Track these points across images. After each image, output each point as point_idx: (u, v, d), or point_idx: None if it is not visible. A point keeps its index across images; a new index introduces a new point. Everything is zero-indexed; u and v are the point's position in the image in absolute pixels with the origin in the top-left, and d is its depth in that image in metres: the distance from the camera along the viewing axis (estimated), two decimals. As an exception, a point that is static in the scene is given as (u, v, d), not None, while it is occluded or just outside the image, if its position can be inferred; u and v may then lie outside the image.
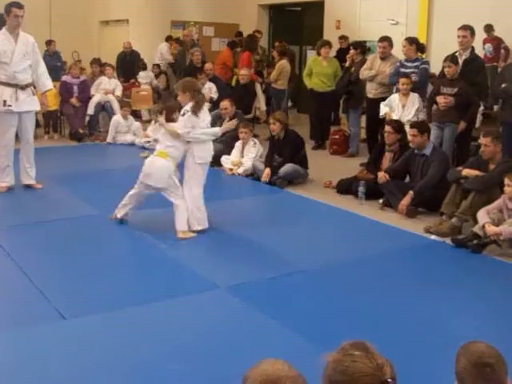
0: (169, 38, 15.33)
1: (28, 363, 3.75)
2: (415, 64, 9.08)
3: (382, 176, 7.41)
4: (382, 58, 9.70)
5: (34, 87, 7.88)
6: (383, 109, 8.98)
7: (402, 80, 8.85)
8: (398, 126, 7.89)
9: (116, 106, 12.14)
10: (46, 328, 4.23)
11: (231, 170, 9.05)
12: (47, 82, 7.92)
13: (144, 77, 14.70)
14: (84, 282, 5.04)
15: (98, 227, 6.46)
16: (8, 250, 5.67)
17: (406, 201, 7.11)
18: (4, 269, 5.34)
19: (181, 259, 5.57)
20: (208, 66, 12.37)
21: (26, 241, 6.06)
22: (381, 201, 7.48)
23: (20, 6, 7.40)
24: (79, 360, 3.78)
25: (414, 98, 8.81)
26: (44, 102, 8.09)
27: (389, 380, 1.95)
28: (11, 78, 7.49)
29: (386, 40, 9.70)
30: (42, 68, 7.84)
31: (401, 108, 8.82)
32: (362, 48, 10.86)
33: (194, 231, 6.22)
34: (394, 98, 8.99)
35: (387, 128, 7.86)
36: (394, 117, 8.57)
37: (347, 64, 10.64)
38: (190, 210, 6.23)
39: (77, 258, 5.62)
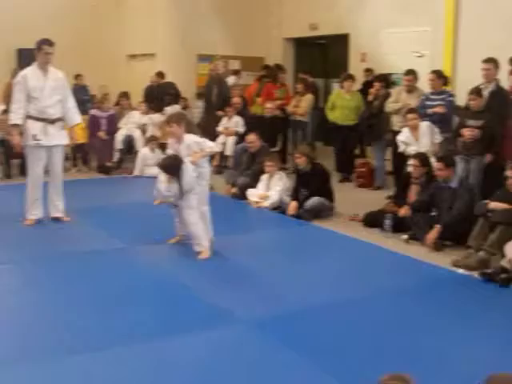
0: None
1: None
2: (441, 97, 9.09)
3: (404, 210, 7.38)
4: (408, 91, 9.73)
5: (64, 121, 7.99)
6: (401, 146, 9.03)
7: (410, 116, 8.96)
8: (424, 159, 7.88)
9: (139, 142, 12.25)
10: (56, 361, 4.21)
11: (257, 203, 9.06)
12: (76, 117, 8.03)
13: (174, 110, 14.82)
14: (99, 315, 5.02)
15: (122, 260, 6.51)
16: (29, 281, 5.71)
17: (433, 234, 7.07)
18: (28, 301, 5.36)
19: (202, 292, 5.55)
20: (236, 99, 12.47)
21: (51, 273, 6.10)
22: (405, 236, 7.43)
23: (50, 44, 7.54)
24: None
25: (424, 127, 8.89)
26: (73, 136, 8.19)
27: None
28: (41, 113, 7.62)
29: (412, 73, 9.76)
30: (71, 102, 7.96)
31: (415, 141, 8.88)
32: (386, 81, 10.91)
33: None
34: (406, 133, 9.04)
35: (414, 162, 7.85)
36: (412, 151, 8.62)
37: (370, 98, 10.67)
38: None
39: (96, 290, 5.63)
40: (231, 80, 14.25)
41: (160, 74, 14.60)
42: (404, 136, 9.03)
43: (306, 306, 5.28)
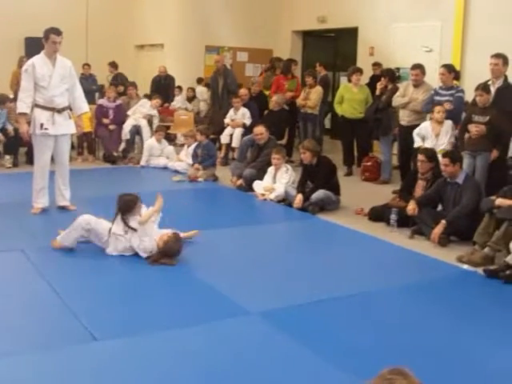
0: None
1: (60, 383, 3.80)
2: (450, 92, 9.06)
3: (412, 209, 7.38)
4: (415, 86, 9.71)
5: (71, 110, 8.00)
6: (417, 140, 8.95)
7: (438, 108, 8.80)
8: (431, 154, 7.86)
9: (146, 132, 12.28)
10: (77, 349, 4.26)
11: (263, 195, 9.08)
12: (83, 105, 8.05)
13: (180, 101, 14.87)
14: (116, 305, 5.09)
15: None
16: (41, 271, 5.75)
17: (438, 229, 7.07)
18: (37, 289, 5.40)
19: (212, 284, 5.57)
20: (243, 91, 12.48)
21: (59, 262, 6.13)
22: (409, 231, 7.43)
23: (58, 33, 7.54)
24: (109, 382, 3.82)
25: (448, 126, 8.78)
26: (79, 125, 8.20)
27: None
28: (48, 102, 7.63)
29: (419, 68, 9.71)
30: (79, 91, 7.97)
31: (434, 137, 8.80)
32: (393, 75, 10.88)
33: None
34: (426, 126, 8.97)
35: (420, 157, 7.82)
36: (427, 146, 8.53)
37: (377, 92, 10.65)
38: None
39: (109, 280, 5.68)
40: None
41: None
42: (424, 129, 8.96)
43: (312, 299, 5.29)
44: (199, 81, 15.61)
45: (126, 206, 6.25)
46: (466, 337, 4.69)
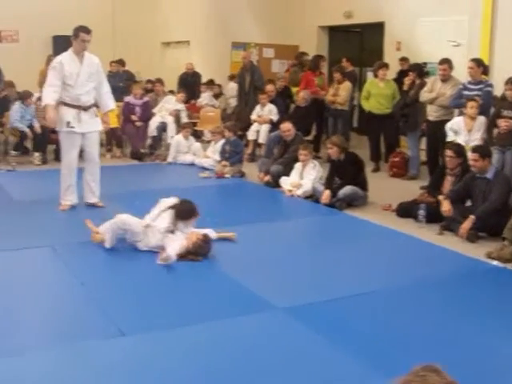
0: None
1: (89, 376, 3.84)
2: (479, 87, 8.96)
3: (447, 210, 7.31)
4: (443, 80, 9.62)
5: (97, 107, 8.04)
6: (450, 135, 8.85)
7: (471, 103, 8.68)
8: (459, 150, 7.79)
9: (172, 129, 12.34)
10: (105, 344, 4.31)
11: (290, 191, 9.07)
12: (109, 102, 8.08)
13: (207, 98, 14.90)
14: (144, 300, 5.12)
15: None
16: (70, 267, 5.81)
17: (467, 225, 7.02)
18: (66, 285, 5.47)
19: (238, 279, 5.58)
20: (269, 87, 12.47)
21: (87, 257, 6.19)
22: (438, 227, 7.38)
23: (88, 31, 7.56)
24: (137, 376, 3.85)
25: (481, 121, 8.65)
26: (105, 121, 8.24)
27: None
28: (75, 100, 7.67)
29: (446, 62, 9.61)
30: (106, 88, 8.00)
31: (466, 133, 8.69)
32: (421, 71, 10.79)
33: None
34: (459, 121, 8.88)
35: (448, 153, 7.76)
36: (460, 141, 8.45)
37: (405, 88, 10.58)
38: None
39: (137, 275, 5.72)
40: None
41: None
42: (456, 124, 8.86)
43: (340, 294, 5.29)
44: (231, 77, 15.61)
45: (185, 214, 6.33)
46: (494, 333, 4.65)
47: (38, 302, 5.09)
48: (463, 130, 8.73)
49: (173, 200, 6.60)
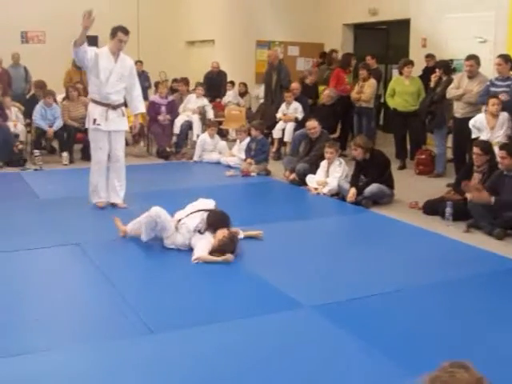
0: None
1: (118, 374, 3.87)
2: (507, 83, 8.86)
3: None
4: (470, 77, 9.54)
5: (126, 106, 8.07)
6: (475, 132, 8.78)
7: (492, 100, 8.59)
8: (486, 147, 7.73)
9: (197, 127, 12.40)
10: (133, 341, 4.33)
11: (316, 189, 9.05)
12: (139, 105, 8.09)
13: (232, 96, 14.93)
14: (172, 297, 5.14)
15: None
16: (98, 264, 5.85)
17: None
18: (94, 282, 5.51)
19: (265, 277, 5.58)
20: (294, 85, 12.46)
21: (115, 255, 6.25)
22: (465, 225, 7.33)
23: (126, 32, 7.60)
24: (165, 373, 3.87)
25: (504, 118, 8.56)
26: (136, 125, 8.29)
27: None
28: (104, 98, 7.70)
29: (473, 58, 9.52)
30: (137, 91, 8.01)
31: (489, 130, 8.60)
32: (447, 67, 10.71)
33: None
34: (481, 118, 8.80)
35: (476, 150, 7.70)
36: (483, 138, 8.37)
37: (432, 84, 10.52)
38: None
39: (165, 273, 5.76)
40: None
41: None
42: (478, 122, 8.78)
43: (367, 292, 5.27)
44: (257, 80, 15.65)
45: (218, 222, 6.31)
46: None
47: (66, 299, 5.14)
48: (485, 128, 8.65)
49: (210, 202, 6.64)
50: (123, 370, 3.92)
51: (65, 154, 11.30)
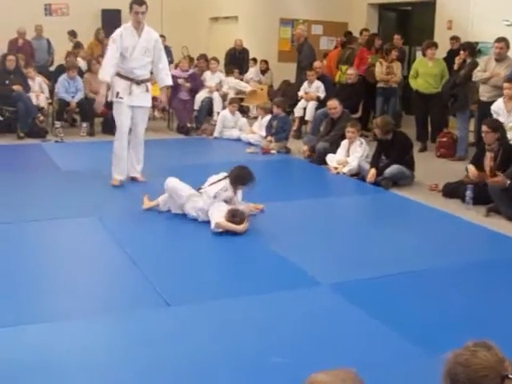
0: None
1: (135, 345, 3.91)
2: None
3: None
4: (497, 60, 9.42)
5: (151, 81, 8.05)
6: (494, 115, 8.65)
7: (507, 84, 8.54)
8: (494, 125, 7.64)
9: (217, 103, 12.43)
10: (150, 313, 4.36)
11: (336, 168, 9.02)
12: (166, 78, 8.02)
13: (254, 73, 14.88)
14: (189, 271, 5.17)
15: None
16: (117, 237, 5.89)
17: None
18: (113, 255, 5.55)
19: (282, 254, 5.59)
20: (317, 64, 12.40)
21: (134, 229, 6.28)
22: (485, 209, 7.27)
23: (140, 3, 7.51)
24: (183, 346, 3.90)
25: (521, 101, 8.49)
26: (162, 100, 8.27)
27: (510, 376, 1.95)
28: (129, 73, 7.67)
29: (503, 41, 9.39)
30: (164, 64, 7.96)
31: (506, 113, 8.52)
32: (472, 50, 10.59)
33: None
34: (499, 102, 8.71)
35: (484, 128, 7.60)
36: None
37: (456, 67, 10.40)
38: None
39: (183, 247, 5.79)
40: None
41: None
42: (496, 106, 8.68)
43: (385, 272, 5.26)
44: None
45: (243, 178, 6.40)
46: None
47: (84, 270, 5.19)
48: (503, 111, 8.57)
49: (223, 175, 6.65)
50: (139, 342, 3.95)
51: (84, 125, 11.34)
